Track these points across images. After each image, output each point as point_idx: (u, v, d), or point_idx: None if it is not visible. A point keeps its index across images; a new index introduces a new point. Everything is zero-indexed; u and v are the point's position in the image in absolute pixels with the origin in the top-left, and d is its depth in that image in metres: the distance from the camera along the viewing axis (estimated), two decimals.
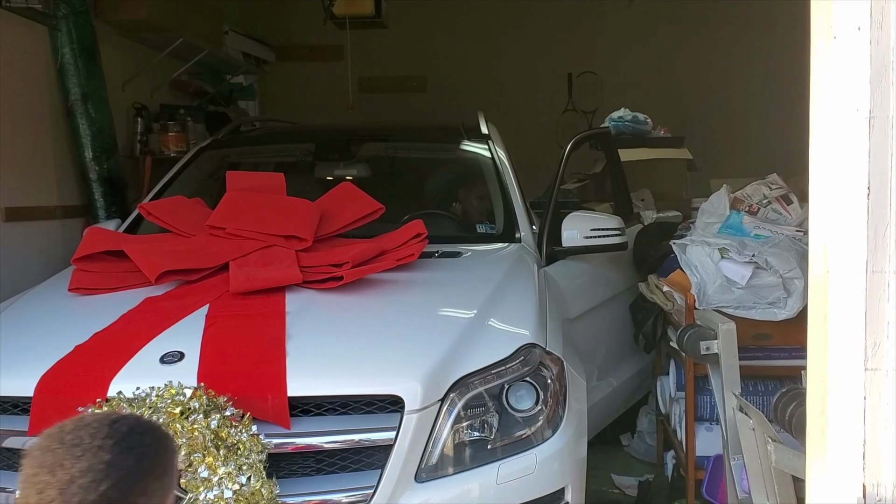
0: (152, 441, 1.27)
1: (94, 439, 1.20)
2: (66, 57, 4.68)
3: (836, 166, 1.43)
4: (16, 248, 4.32)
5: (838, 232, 1.44)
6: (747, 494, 2.63)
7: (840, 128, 1.41)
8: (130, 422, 1.27)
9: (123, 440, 1.22)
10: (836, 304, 1.46)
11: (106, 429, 1.22)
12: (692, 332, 2.87)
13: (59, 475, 1.17)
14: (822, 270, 1.50)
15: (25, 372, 2.27)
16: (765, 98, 7.31)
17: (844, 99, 1.40)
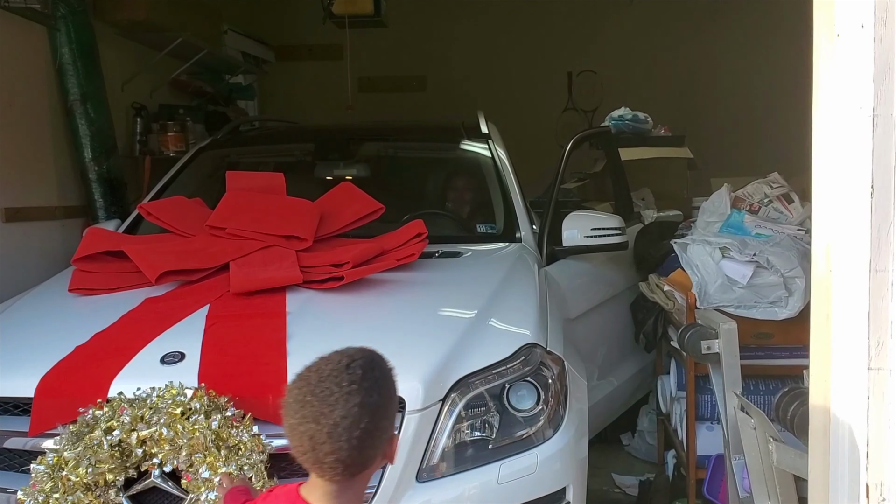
0: (381, 372, 1.51)
1: (341, 388, 1.42)
2: (65, 57, 4.67)
3: (839, 165, 1.42)
4: (16, 249, 4.31)
5: (841, 231, 1.44)
6: (748, 494, 2.62)
7: (843, 126, 1.40)
8: (360, 362, 1.47)
9: (364, 381, 1.44)
10: (838, 303, 1.45)
11: (346, 376, 1.44)
12: (693, 332, 2.86)
13: (324, 422, 1.41)
14: (824, 270, 1.50)
15: (26, 373, 2.27)
16: (765, 97, 7.31)
17: (847, 97, 1.39)
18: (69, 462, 2.03)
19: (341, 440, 1.41)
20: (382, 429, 1.49)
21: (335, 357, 1.48)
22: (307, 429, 1.42)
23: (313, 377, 1.46)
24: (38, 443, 2.20)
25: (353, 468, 1.46)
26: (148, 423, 2.04)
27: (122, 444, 2.06)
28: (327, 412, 1.41)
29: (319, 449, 1.42)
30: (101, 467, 2.03)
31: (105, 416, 2.07)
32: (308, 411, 1.43)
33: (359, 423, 1.42)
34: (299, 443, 1.44)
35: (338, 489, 1.48)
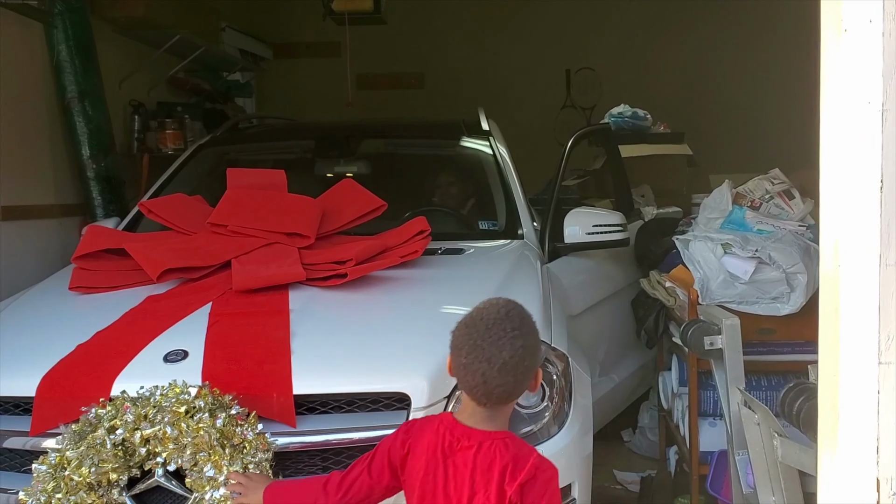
0: (529, 318, 1.79)
1: (506, 332, 1.71)
2: (63, 54, 4.66)
3: (848, 160, 1.42)
4: (13, 247, 4.30)
5: (850, 226, 1.43)
6: (752, 489, 2.62)
7: (851, 121, 1.40)
8: (515, 311, 1.77)
9: (522, 326, 1.75)
10: (847, 298, 1.45)
11: (508, 322, 1.73)
12: (696, 328, 2.86)
13: (494, 362, 1.70)
14: (832, 265, 1.50)
15: (27, 372, 2.25)
16: (764, 94, 7.32)
17: (856, 92, 1.39)
18: (72, 461, 2.02)
19: (509, 376, 1.71)
20: (535, 364, 1.79)
21: (492, 307, 1.77)
22: (479, 367, 1.70)
23: (481, 325, 1.73)
24: (38, 442, 2.19)
25: (513, 396, 1.78)
26: (151, 422, 2.03)
27: (125, 443, 2.05)
28: (497, 353, 1.70)
29: (490, 383, 1.70)
30: (105, 466, 2.02)
31: (108, 415, 2.06)
32: (480, 353, 1.70)
33: (522, 361, 1.72)
34: (472, 379, 1.72)
35: (493, 413, 1.78)
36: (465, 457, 1.76)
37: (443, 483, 1.76)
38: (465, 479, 1.74)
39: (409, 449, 1.82)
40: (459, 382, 1.77)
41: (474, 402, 1.76)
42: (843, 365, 1.46)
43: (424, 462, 1.77)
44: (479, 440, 1.76)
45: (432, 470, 1.77)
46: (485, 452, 1.75)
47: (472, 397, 1.75)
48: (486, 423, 1.78)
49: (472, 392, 1.74)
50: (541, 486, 1.74)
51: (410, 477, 1.80)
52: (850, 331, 1.44)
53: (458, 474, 1.75)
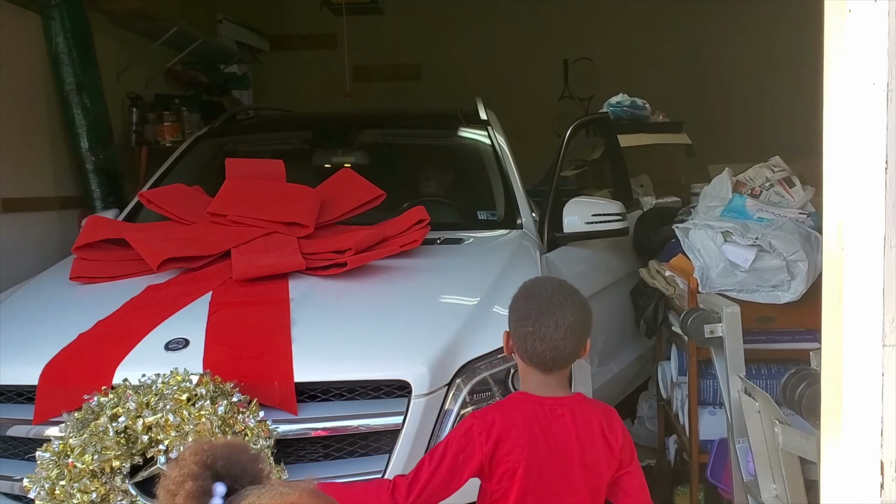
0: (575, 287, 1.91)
1: (566, 299, 1.84)
2: (60, 46, 4.64)
3: (852, 142, 1.41)
4: (13, 239, 4.29)
5: (854, 208, 1.43)
6: (753, 477, 2.62)
7: (856, 102, 1.39)
8: (564, 282, 1.92)
9: (575, 293, 1.87)
10: (851, 280, 1.44)
11: (564, 290, 1.87)
12: (696, 316, 2.86)
13: (561, 324, 1.80)
14: (836, 247, 1.49)
15: (29, 360, 2.26)
16: (763, 83, 7.31)
17: (860, 73, 1.38)
18: (75, 449, 2.03)
19: (572, 338, 1.81)
20: (590, 327, 1.89)
21: (545, 280, 1.96)
22: (547, 333, 1.79)
23: (542, 295, 1.85)
24: (42, 430, 2.20)
25: (575, 357, 1.87)
26: (154, 410, 2.04)
27: (127, 431, 2.05)
28: (562, 317, 1.80)
29: (559, 346, 1.80)
30: (107, 454, 2.02)
31: (110, 403, 2.07)
32: (547, 319, 1.80)
33: (584, 323, 1.84)
34: (540, 345, 1.81)
35: (559, 380, 1.88)
36: (564, 423, 1.84)
37: (547, 453, 1.81)
38: (570, 442, 1.83)
39: (498, 438, 1.81)
40: (526, 352, 1.83)
41: (540, 370, 1.84)
42: (846, 347, 1.46)
43: (525, 441, 1.80)
44: (570, 406, 1.86)
45: (533, 444, 1.81)
46: (579, 415, 1.86)
47: (540, 364, 1.83)
48: (559, 390, 1.88)
49: (541, 358, 1.81)
50: (624, 428, 1.93)
51: (509, 460, 1.81)
52: (853, 313, 1.44)
53: (560, 441, 1.83)
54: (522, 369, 1.89)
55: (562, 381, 1.89)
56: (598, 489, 1.86)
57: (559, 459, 1.82)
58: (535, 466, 1.80)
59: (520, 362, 1.88)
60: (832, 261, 1.48)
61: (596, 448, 1.85)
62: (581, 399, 1.91)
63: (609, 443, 1.86)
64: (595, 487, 1.86)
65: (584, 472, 1.83)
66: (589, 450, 1.84)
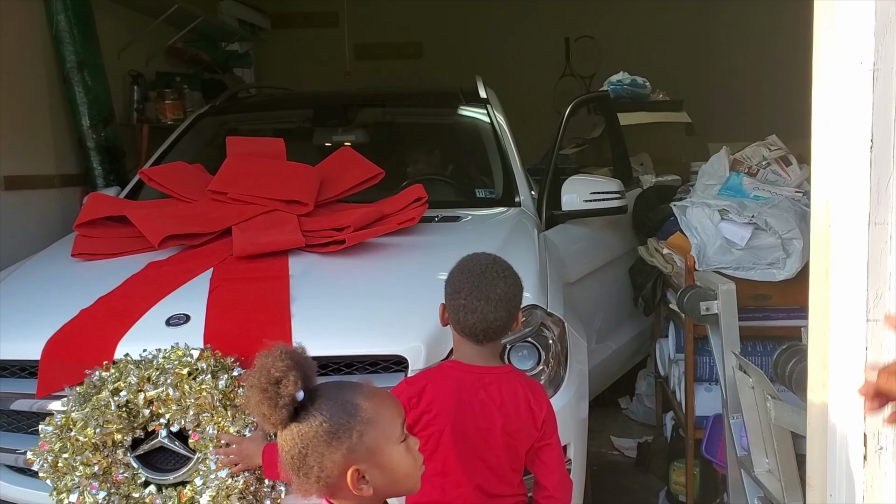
0: (509, 265, 1.96)
1: (498, 274, 1.91)
2: (62, 24, 4.64)
3: (839, 120, 1.43)
4: (15, 217, 4.32)
5: (841, 186, 1.45)
6: (746, 452, 2.66)
7: (843, 81, 1.41)
8: (499, 258, 1.97)
9: (508, 269, 1.94)
10: (838, 257, 1.47)
11: (497, 266, 1.93)
12: (692, 293, 2.89)
13: (491, 298, 1.87)
14: (824, 225, 1.52)
15: (32, 335, 2.29)
16: (763, 62, 7.28)
17: (848, 52, 1.40)
18: (77, 423, 2.07)
19: (503, 311, 1.87)
20: (520, 302, 1.95)
21: (480, 256, 1.96)
22: (478, 305, 1.86)
23: (476, 269, 1.91)
24: (44, 404, 2.24)
25: (506, 330, 1.93)
26: (155, 384, 2.07)
27: (129, 405, 2.09)
28: (493, 291, 1.87)
29: (488, 318, 1.86)
30: (109, 427, 2.06)
31: (112, 378, 2.10)
32: (479, 293, 1.87)
33: (514, 297, 1.91)
34: (471, 317, 1.87)
35: (492, 351, 1.95)
36: (490, 392, 1.91)
37: (472, 418, 1.90)
38: (495, 410, 1.91)
39: (427, 403, 1.89)
40: (459, 324, 1.90)
41: (473, 342, 1.92)
42: (832, 323, 1.49)
43: (452, 406, 1.89)
44: (498, 375, 1.94)
45: (460, 409, 1.89)
46: (506, 385, 1.93)
47: (472, 336, 1.90)
48: (491, 360, 1.95)
49: (473, 330, 1.89)
50: (549, 403, 2.00)
51: (436, 423, 1.89)
52: (840, 289, 1.47)
53: (487, 408, 1.90)
54: (456, 340, 1.96)
55: (494, 352, 1.97)
56: (518, 455, 1.94)
57: (483, 425, 1.90)
58: (460, 431, 1.88)
59: (454, 333, 1.95)
60: (820, 238, 1.51)
61: (520, 417, 1.92)
62: (510, 371, 1.99)
63: (533, 414, 1.93)
64: (515, 454, 1.93)
65: (506, 439, 1.91)
66: (513, 418, 1.91)
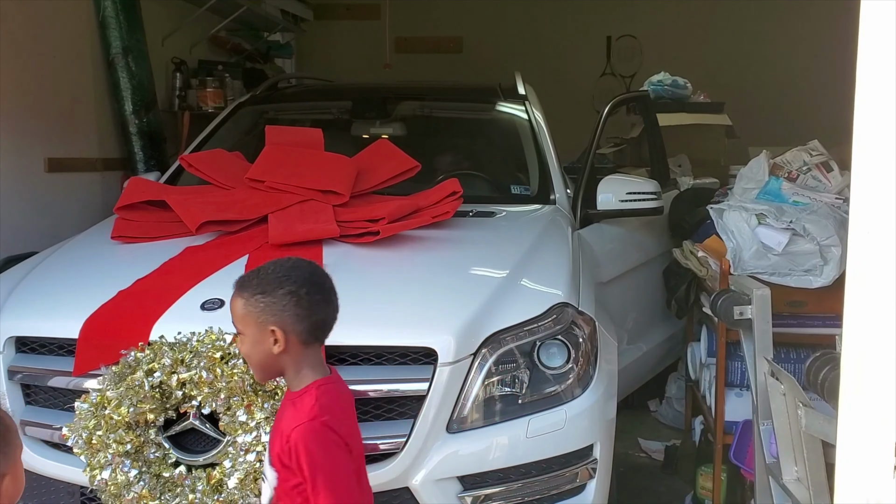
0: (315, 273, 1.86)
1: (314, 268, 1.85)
2: (108, 10, 4.72)
3: (882, 126, 1.41)
4: (57, 198, 4.41)
5: (881, 193, 1.42)
6: (775, 459, 2.63)
7: (888, 86, 1.39)
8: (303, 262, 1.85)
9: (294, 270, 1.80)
10: (875, 265, 1.45)
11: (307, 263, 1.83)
12: (726, 297, 2.86)
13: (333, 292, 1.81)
14: (862, 232, 1.49)
15: (70, 315, 2.34)
16: (807, 66, 7.17)
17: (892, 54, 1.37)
18: (111, 401, 2.11)
19: (336, 301, 1.81)
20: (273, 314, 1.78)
21: (283, 258, 1.84)
22: (332, 298, 1.80)
23: (307, 267, 1.82)
24: (80, 382, 2.28)
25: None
26: (188, 366, 2.10)
27: (162, 386, 2.13)
28: (329, 283, 1.81)
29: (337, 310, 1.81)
30: (142, 407, 2.10)
31: (146, 359, 2.14)
32: (324, 288, 1.79)
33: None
34: (323, 311, 1.78)
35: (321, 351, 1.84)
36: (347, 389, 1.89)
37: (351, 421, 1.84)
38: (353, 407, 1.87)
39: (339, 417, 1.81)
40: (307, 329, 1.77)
41: (319, 342, 1.84)
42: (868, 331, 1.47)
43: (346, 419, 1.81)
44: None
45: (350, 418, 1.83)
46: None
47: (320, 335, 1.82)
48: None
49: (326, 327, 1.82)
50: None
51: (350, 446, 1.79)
52: (876, 297, 1.44)
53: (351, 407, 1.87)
54: (300, 355, 1.76)
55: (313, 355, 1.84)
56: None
57: (356, 425, 1.85)
58: (354, 441, 1.79)
59: (298, 349, 1.75)
60: (857, 245, 1.49)
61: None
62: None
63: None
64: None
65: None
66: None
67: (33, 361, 2.39)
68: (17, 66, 4.13)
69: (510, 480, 2.30)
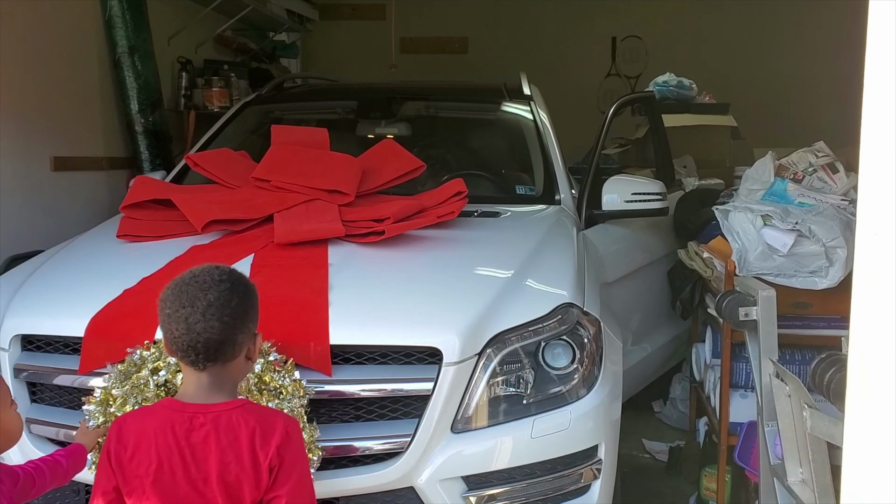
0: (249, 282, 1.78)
1: (213, 279, 1.68)
2: (115, 9, 4.73)
3: (890, 125, 1.40)
4: (62, 197, 4.41)
5: (889, 194, 1.42)
6: (780, 461, 2.63)
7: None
8: (233, 271, 1.75)
9: (237, 282, 1.72)
10: (882, 266, 1.44)
11: (217, 272, 1.71)
12: (731, 298, 2.86)
13: (198, 304, 1.64)
14: (870, 233, 1.49)
15: (76, 313, 2.34)
16: (812, 67, 7.16)
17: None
18: (117, 399, 2.10)
19: (214, 320, 1.63)
20: (249, 318, 1.71)
21: (205, 265, 1.73)
22: (183, 313, 1.63)
23: (187, 276, 1.69)
24: (86, 381, 2.28)
25: (224, 348, 1.65)
26: None
27: (167, 384, 2.12)
28: (201, 296, 1.64)
29: (194, 329, 1.62)
30: (147, 405, 2.10)
31: (152, 357, 2.14)
32: (183, 298, 1.64)
33: (229, 303, 1.66)
34: (175, 328, 1.63)
35: (217, 380, 1.69)
36: (205, 434, 1.64)
37: (183, 471, 1.65)
38: (210, 457, 1.64)
39: (129, 446, 1.68)
40: (169, 344, 1.68)
41: (191, 367, 1.67)
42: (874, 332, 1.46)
43: (155, 454, 1.65)
44: (215, 415, 1.65)
45: (167, 460, 1.65)
46: (224, 426, 1.65)
47: (184, 356, 1.66)
48: (215, 395, 1.68)
49: (180, 345, 1.64)
50: (296, 444, 1.71)
51: (137, 477, 1.66)
52: (883, 298, 1.44)
53: (200, 456, 1.64)
54: (183, 370, 1.73)
55: (220, 382, 1.69)
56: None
57: (196, 475, 1.64)
58: (167, 482, 1.64)
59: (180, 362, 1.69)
60: (865, 246, 1.48)
61: (241, 464, 1.64)
62: (236, 407, 1.69)
63: (256, 459, 1.64)
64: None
65: (225, 490, 1.64)
66: (232, 466, 1.64)
67: (39, 359, 2.39)
68: (24, 65, 4.14)
69: (515, 481, 2.30)
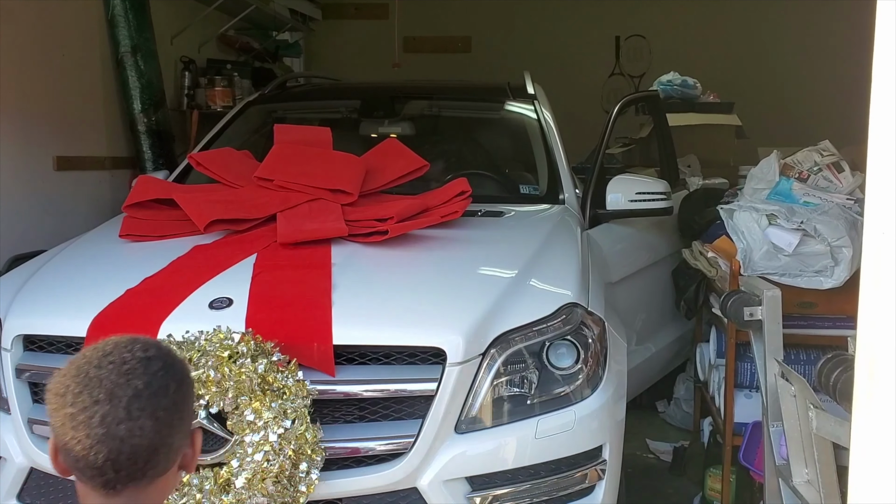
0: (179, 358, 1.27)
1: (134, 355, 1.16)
2: (117, 9, 4.73)
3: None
4: (65, 196, 4.41)
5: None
6: (785, 461, 2.62)
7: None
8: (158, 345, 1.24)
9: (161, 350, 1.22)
10: (890, 264, 1.43)
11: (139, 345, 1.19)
12: (736, 298, 2.85)
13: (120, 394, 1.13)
14: (877, 232, 1.48)
15: (78, 313, 2.33)
16: (818, 67, 7.14)
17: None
18: None
19: (145, 418, 1.11)
20: (188, 411, 1.22)
21: (117, 338, 1.19)
22: (95, 411, 1.10)
23: (93, 354, 1.15)
24: None
25: (155, 459, 1.14)
26: (196, 365, 2.09)
27: None
28: (124, 383, 1.11)
29: (113, 434, 1.10)
30: None
31: None
32: (96, 388, 1.11)
33: (166, 391, 1.15)
34: (84, 435, 1.10)
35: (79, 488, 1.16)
36: None
37: None
38: None
39: None
40: (68, 458, 1.15)
41: (97, 489, 1.15)
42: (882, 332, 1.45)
43: None
44: None
45: None
46: None
47: (93, 475, 1.14)
48: None
49: (88, 460, 1.12)
50: None
51: None
52: (890, 298, 1.43)
53: None
54: (79, 491, 1.19)
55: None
56: None
57: None
58: None
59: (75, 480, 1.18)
60: (872, 245, 1.47)
61: None
62: None
63: None
64: None
65: None
66: None
67: (41, 360, 2.38)
68: (26, 65, 4.13)
69: (519, 481, 2.29)
